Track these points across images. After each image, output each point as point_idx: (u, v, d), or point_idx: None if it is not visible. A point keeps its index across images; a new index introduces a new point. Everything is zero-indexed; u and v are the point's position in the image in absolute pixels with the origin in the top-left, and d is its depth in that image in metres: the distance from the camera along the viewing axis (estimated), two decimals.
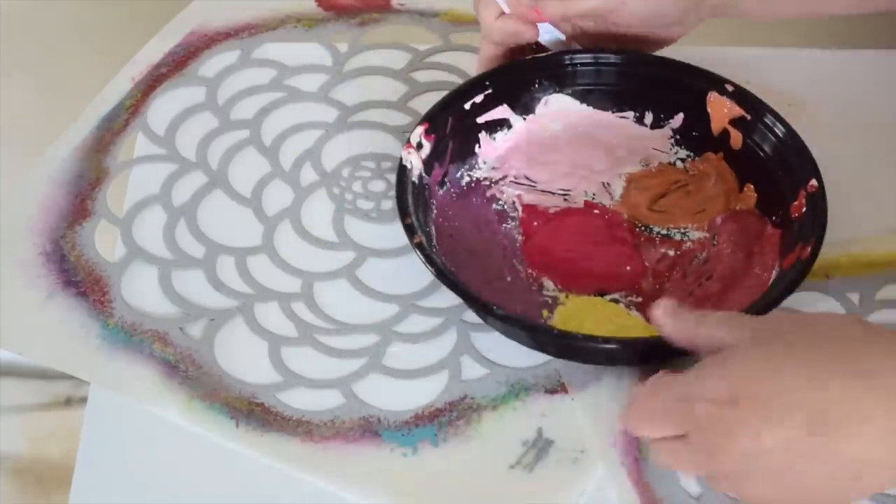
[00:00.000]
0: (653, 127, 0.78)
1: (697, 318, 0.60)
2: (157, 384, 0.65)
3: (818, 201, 0.69)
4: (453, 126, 0.74)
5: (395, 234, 0.72)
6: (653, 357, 0.67)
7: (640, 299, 0.70)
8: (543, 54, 0.79)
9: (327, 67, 0.84)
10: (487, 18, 0.75)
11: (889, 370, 0.53)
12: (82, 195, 0.75)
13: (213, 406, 0.65)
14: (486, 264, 0.71)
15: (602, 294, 0.70)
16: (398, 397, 0.66)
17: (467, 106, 0.75)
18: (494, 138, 0.77)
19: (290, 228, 0.74)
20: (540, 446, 0.64)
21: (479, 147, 0.76)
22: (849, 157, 0.77)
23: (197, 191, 0.76)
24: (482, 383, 0.66)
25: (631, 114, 0.78)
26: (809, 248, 0.67)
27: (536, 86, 0.77)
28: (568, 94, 0.78)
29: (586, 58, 0.77)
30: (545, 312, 0.69)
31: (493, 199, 0.75)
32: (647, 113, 0.78)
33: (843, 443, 0.53)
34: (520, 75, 0.77)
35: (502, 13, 0.75)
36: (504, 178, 0.76)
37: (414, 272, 0.70)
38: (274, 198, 0.76)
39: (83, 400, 0.67)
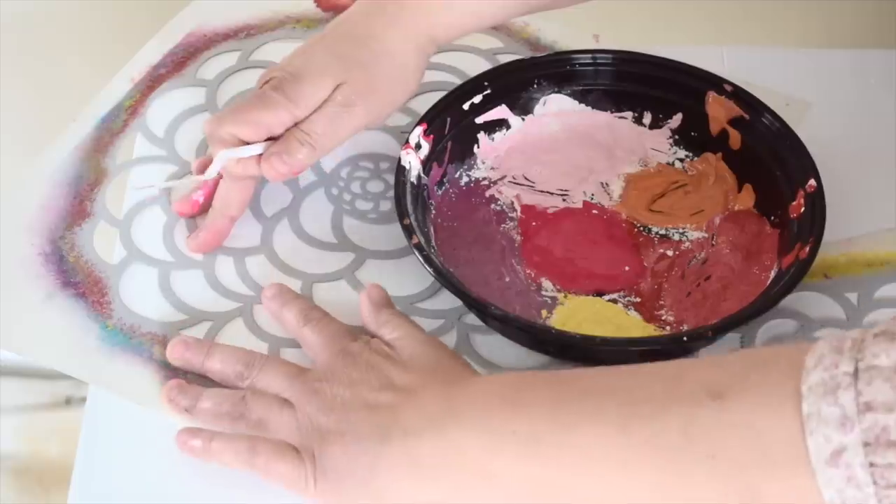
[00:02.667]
0: (651, 127, 0.78)
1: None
2: (156, 387, 0.65)
3: (817, 201, 0.69)
4: (452, 126, 0.74)
5: (394, 235, 0.72)
6: (651, 357, 0.67)
7: (638, 299, 0.70)
8: (542, 55, 0.79)
9: None
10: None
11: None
12: (81, 196, 0.75)
13: None
14: (485, 265, 0.71)
15: (601, 294, 0.70)
16: None
17: (466, 106, 0.75)
18: (493, 139, 0.77)
19: (289, 229, 0.74)
20: None
21: (478, 147, 0.76)
22: (847, 157, 0.77)
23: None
24: None
25: (629, 114, 0.78)
26: (808, 248, 0.67)
27: (535, 86, 0.77)
28: (566, 94, 0.78)
29: (585, 58, 0.77)
30: (544, 312, 0.69)
31: (492, 199, 0.75)
32: (645, 113, 0.78)
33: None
34: (518, 75, 0.77)
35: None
36: (503, 178, 0.76)
37: (414, 274, 0.70)
38: (272, 198, 0.76)
39: (83, 400, 0.67)
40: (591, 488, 0.53)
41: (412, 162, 0.72)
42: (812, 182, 0.70)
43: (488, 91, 0.76)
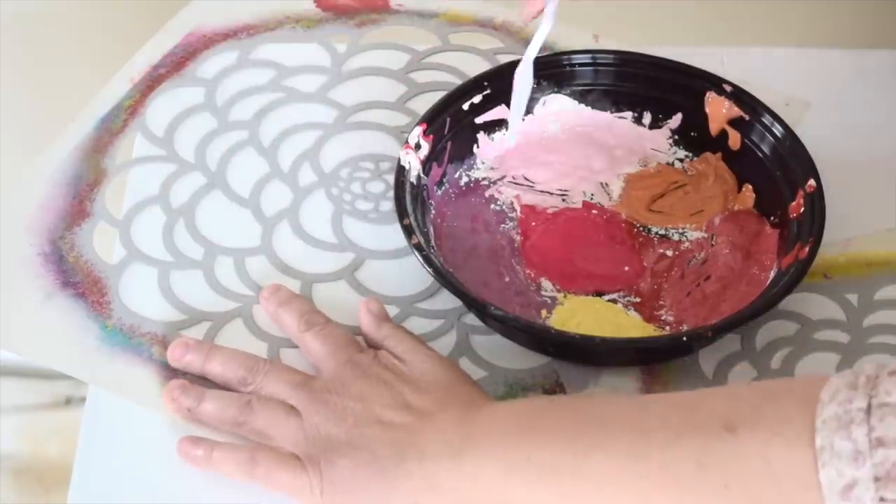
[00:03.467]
0: (651, 127, 0.78)
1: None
2: (155, 387, 0.65)
3: (816, 201, 0.69)
4: (451, 126, 0.74)
5: (394, 235, 0.72)
6: (651, 357, 0.67)
7: (638, 299, 0.70)
8: (542, 54, 0.79)
9: (326, 68, 0.84)
10: None
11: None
12: (81, 196, 0.75)
13: None
14: (485, 265, 0.71)
15: (600, 294, 0.70)
16: None
17: (466, 106, 0.75)
18: (493, 139, 0.77)
19: (289, 229, 0.74)
20: None
21: (478, 147, 0.76)
22: (847, 157, 0.77)
23: (196, 192, 0.76)
24: (481, 384, 0.66)
25: (629, 114, 0.78)
26: (808, 248, 0.67)
27: (535, 86, 0.77)
28: (566, 94, 0.78)
29: (584, 58, 0.77)
30: (544, 312, 0.69)
31: (492, 199, 0.75)
32: (645, 113, 0.78)
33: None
34: None
35: None
36: (502, 178, 0.76)
37: (413, 274, 0.70)
38: (273, 198, 0.76)
39: (83, 400, 0.67)
40: None
41: (412, 162, 0.72)
42: (812, 182, 0.70)
43: (488, 91, 0.76)
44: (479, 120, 0.76)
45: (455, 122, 0.75)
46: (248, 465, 0.61)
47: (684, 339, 0.65)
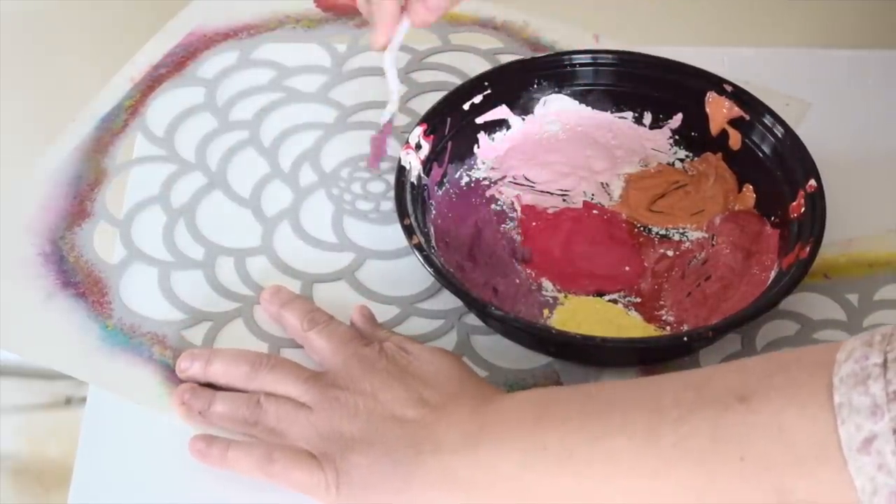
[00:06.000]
0: (652, 127, 0.78)
1: None
2: (156, 387, 0.65)
3: (817, 201, 0.69)
4: (452, 126, 0.74)
5: (394, 235, 0.72)
6: (651, 357, 0.67)
7: (638, 300, 0.70)
8: (542, 55, 0.79)
9: (326, 68, 0.84)
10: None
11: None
12: (81, 196, 0.75)
13: None
14: (485, 265, 0.71)
15: (601, 294, 0.70)
16: None
17: (466, 106, 0.75)
18: (493, 139, 0.77)
19: (290, 229, 0.74)
20: None
21: (478, 147, 0.76)
22: (847, 157, 0.77)
23: (196, 192, 0.76)
24: None
25: (630, 114, 0.78)
26: (808, 249, 0.67)
27: (535, 86, 0.77)
28: (567, 94, 0.78)
29: (585, 58, 0.77)
30: (545, 312, 0.69)
31: (492, 199, 0.75)
32: (645, 113, 0.78)
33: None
34: (518, 76, 0.77)
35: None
36: (503, 178, 0.76)
37: (414, 274, 0.70)
38: (273, 198, 0.76)
39: (83, 400, 0.67)
40: (624, 497, 0.54)
41: (412, 162, 0.72)
42: (812, 182, 0.70)
43: (488, 91, 0.76)
44: (479, 120, 0.76)
45: (456, 123, 0.75)
46: (265, 463, 0.61)
47: (685, 339, 0.65)
